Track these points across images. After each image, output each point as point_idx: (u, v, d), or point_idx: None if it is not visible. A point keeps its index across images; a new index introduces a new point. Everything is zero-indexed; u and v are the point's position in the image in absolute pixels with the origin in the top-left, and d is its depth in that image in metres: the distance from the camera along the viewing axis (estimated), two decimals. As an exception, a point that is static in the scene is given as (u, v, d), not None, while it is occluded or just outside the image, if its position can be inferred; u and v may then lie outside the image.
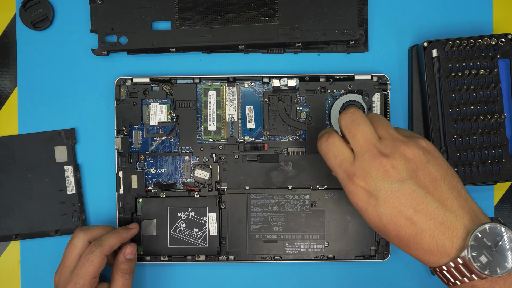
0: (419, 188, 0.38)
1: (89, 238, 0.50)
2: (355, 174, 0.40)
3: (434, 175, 0.39)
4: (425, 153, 0.40)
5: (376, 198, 0.39)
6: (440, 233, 0.38)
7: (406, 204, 0.38)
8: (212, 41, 0.55)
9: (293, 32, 0.55)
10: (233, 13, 0.55)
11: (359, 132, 0.40)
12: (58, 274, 0.50)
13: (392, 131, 0.41)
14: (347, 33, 0.55)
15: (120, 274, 0.51)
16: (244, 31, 0.55)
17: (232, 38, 0.55)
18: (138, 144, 0.56)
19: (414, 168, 0.39)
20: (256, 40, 0.55)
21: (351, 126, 0.41)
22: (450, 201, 0.38)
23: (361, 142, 0.40)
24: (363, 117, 0.41)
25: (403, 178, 0.38)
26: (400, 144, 0.39)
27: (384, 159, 0.39)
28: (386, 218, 0.39)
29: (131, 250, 0.52)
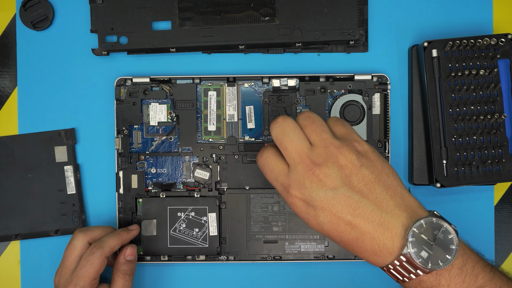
0: (354, 193, 0.39)
1: (89, 239, 0.50)
2: (291, 186, 0.40)
3: (368, 178, 0.39)
4: (358, 156, 0.40)
5: (314, 208, 0.39)
6: (380, 234, 0.38)
7: (343, 211, 0.39)
8: (212, 41, 0.55)
9: (293, 32, 0.55)
10: (233, 13, 0.55)
11: (289, 144, 0.40)
12: (58, 275, 0.50)
13: (325, 135, 0.41)
14: (347, 33, 0.55)
15: (120, 275, 0.51)
16: (244, 31, 0.55)
17: (232, 38, 0.55)
18: (138, 144, 0.56)
19: (347, 174, 0.39)
20: (256, 40, 0.55)
21: (281, 137, 0.41)
22: (386, 202, 0.39)
23: (293, 154, 0.40)
24: (291, 126, 0.41)
25: (337, 186, 0.39)
26: (333, 151, 0.40)
27: (316, 169, 0.39)
28: (327, 226, 0.39)
29: (132, 251, 0.52)
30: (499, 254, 0.57)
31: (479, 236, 0.56)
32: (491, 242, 0.56)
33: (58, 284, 0.50)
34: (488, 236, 0.56)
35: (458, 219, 0.56)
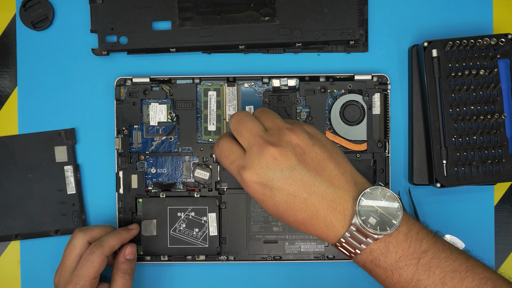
0: (308, 171, 0.40)
1: (89, 238, 0.50)
2: (245, 167, 0.41)
3: (321, 156, 0.41)
4: (310, 136, 0.41)
5: (271, 188, 0.40)
6: (333, 209, 0.40)
7: (299, 189, 0.40)
8: (212, 41, 0.55)
9: (293, 32, 0.55)
10: (233, 13, 0.55)
11: (244, 129, 0.42)
12: (58, 274, 0.50)
13: (278, 120, 0.42)
14: (347, 33, 0.55)
15: (120, 274, 0.51)
16: (244, 31, 0.55)
17: (232, 38, 0.55)
18: (138, 144, 0.56)
19: (301, 153, 0.40)
20: (256, 40, 0.55)
21: (237, 126, 0.43)
22: (338, 178, 0.41)
23: (247, 137, 0.41)
24: (248, 115, 0.43)
25: (293, 165, 0.40)
26: (285, 131, 0.41)
27: (271, 148, 0.40)
28: (283, 206, 0.41)
29: (131, 251, 0.52)
30: (499, 254, 0.57)
31: (479, 236, 0.56)
32: (491, 242, 0.56)
33: (58, 284, 0.50)
34: (488, 236, 0.56)
35: (458, 219, 0.56)
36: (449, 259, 0.40)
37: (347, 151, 0.55)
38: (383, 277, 0.41)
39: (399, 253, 0.40)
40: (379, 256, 0.41)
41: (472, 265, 0.41)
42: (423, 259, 0.40)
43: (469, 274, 0.40)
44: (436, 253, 0.40)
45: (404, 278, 0.40)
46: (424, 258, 0.40)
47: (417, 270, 0.40)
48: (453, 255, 0.41)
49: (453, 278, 0.40)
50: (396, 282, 0.41)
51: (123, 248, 0.52)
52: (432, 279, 0.40)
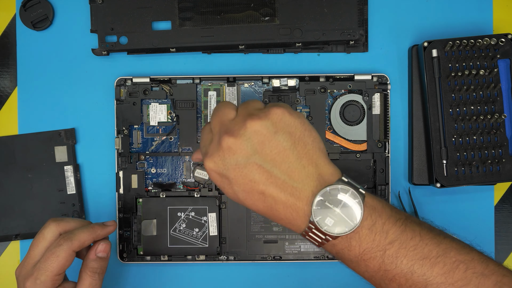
0: (266, 162, 0.39)
1: (61, 230, 0.46)
2: (207, 155, 0.40)
3: (282, 145, 0.39)
4: (274, 123, 0.39)
5: (227, 177, 0.39)
6: (292, 204, 0.39)
7: (256, 180, 0.39)
8: (212, 41, 0.55)
9: (293, 32, 0.55)
10: (233, 13, 0.55)
11: (214, 117, 0.41)
12: (20, 266, 0.46)
13: (250, 108, 0.40)
14: (347, 33, 0.55)
15: (89, 273, 0.46)
16: (244, 31, 0.55)
17: (232, 38, 0.55)
18: (138, 144, 0.56)
19: (260, 142, 0.39)
20: (256, 40, 0.55)
21: (212, 115, 0.42)
22: (298, 172, 0.39)
23: (214, 126, 0.41)
24: (225, 105, 0.41)
25: (248, 154, 0.39)
26: (247, 119, 0.39)
27: (227, 138, 0.39)
28: (242, 195, 0.40)
29: (104, 248, 0.47)
30: (499, 254, 0.56)
31: (479, 236, 0.56)
32: (491, 242, 0.56)
33: (18, 276, 0.46)
34: (488, 236, 0.56)
35: (458, 219, 0.56)
36: (418, 247, 0.39)
37: (347, 151, 0.55)
38: (351, 267, 0.41)
39: (362, 246, 0.39)
40: (342, 250, 0.40)
41: (444, 249, 0.39)
42: (389, 250, 0.38)
43: (440, 259, 0.38)
44: (404, 242, 0.39)
45: (371, 269, 0.39)
46: (390, 249, 0.38)
47: (383, 262, 0.39)
48: (423, 242, 0.39)
49: (422, 266, 0.38)
50: (364, 271, 0.40)
51: (96, 244, 0.47)
52: (400, 268, 0.38)
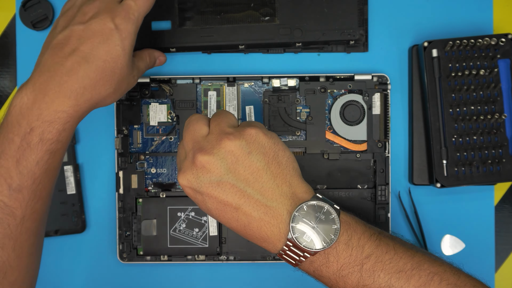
0: (239, 181, 0.39)
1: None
2: (180, 171, 0.41)
3: (255, 165, 0.39)
4: (249, 143, 0.40)
5: (201, 194, 0.40)
6: (266, 222, 0.39)
7: (229, 198, 0.39)
8: (212, 41, 0.55)
9: (293, 32, 0.55)
10: (233, 13, 0.55)
11: (187, 134, 0.41)
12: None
13: (223, 124, 0.41)
14: (347, 33, 0.55)
15: (150, 63, 0.50)
16: (244, 31, 0.55)
17: (232, 38, 0.55)
18: (138, 144, 0.56)
19: (233, 161, 0.39)
20: (256, 40, 0.55)
21: (184, 130, 0.42)
22: (272, 191, 0.39)
23: (187, 142, 0.41)
24: (196, 119, 0.42)
25: (222, 173, 0.39)
26: (222, 138, 0.40)
27: (201, 156, 0.39)
28: (215, 213, 0.40)
29: (163, 61, 0.53)
30: (499, 254, 0.56)
31: (479, 236, 0.56)
32: (491, 242, 0.56)
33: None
34: (488, 236, 0.56)
35: (458, 219, 0.56)
36: (393, 260, 0.39)
37: (347, 151, 0.55)
38: (329, 285, 0.41)
39: (340, 262, 0.39)
40: (320, 267, 0.40)
41: (418, 262, 0.40)
42: (366, 264, 0.39)
43: (415, 272, 0.39)
44: (379, 256, 0.39)
45: (350, 285, 0.39)
46: (367, 264, 0.39)
47: (361, 276, 0.39)
48: (397, 255, 0.40)
49: (399, 279, 0.39)
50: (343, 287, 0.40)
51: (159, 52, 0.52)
52: (378, 283, 0.39)
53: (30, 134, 0.39)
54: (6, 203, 0.38)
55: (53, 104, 0.39)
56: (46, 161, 0.39)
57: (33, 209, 0.40)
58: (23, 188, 0.39)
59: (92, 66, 0.40)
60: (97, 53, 0.41)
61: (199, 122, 0.42)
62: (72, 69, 0.40)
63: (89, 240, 0.57)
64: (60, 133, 0.40)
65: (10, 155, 0.39)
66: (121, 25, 0.42)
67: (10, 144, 0.39)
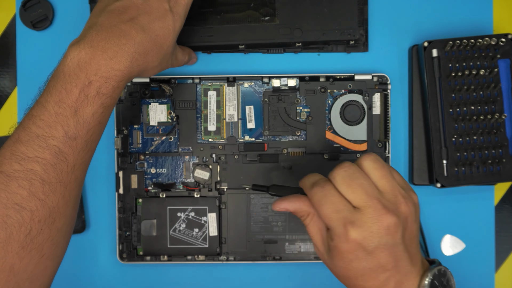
0: (404, 248, 0.40)
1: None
2: (354, 224, 0.39)
3: (414, 233, 0.41)
4: (416, 210, 0.41)
5: (368, 253, 0.39)
6: (401, 283, 0.40)
7: (389, 263, 0.39)
8: (212, 41, 0.55)
9: (293, 32, 0.55)
10: (233, 13, 0.55)
11: (359, 187, 0.39)
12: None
13: (394, 182, 0.41)
14: (347, 33, 0.55)
15: (187, 59, 0.53)
16: (244, 31, 0.55)
17: (232, 38, 0.55)
18: (138, 144, 0.56)
19: (405, 227, 0.40)
20: (256, 40, 0.55)
21: (349, 180, 0.40)
22: (416, 257, 0.41)
23: (362, 197, 0.39)
24: (360, 171, 0.40)
25: (398, 239, 0.39)
26: (401, 200, 0.40)
27: (388, 217, 0.39)
28: (365, 273, 0.40)
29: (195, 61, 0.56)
30: (499, 254, 0.56)
31: (479, 236, 0.56)
32: (491, 242, 0.56)
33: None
34: (488, 236, 0.56)
35: (458, 219, 0.56)
36: None
37: (347, 151, 0.55)
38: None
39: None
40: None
41: None
42: None
43: None
44: None
45: None
46: None
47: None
48: None
49: None
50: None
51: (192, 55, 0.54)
52: None
53: (88, 87, 0.40)
54: (61, 149, 0.40)
55: (111, 62, 0.41)
56: (100, 113, 0.41)
57: (83, 159, 0.41)
58: (78, 137, 0.40)
59: (147, 36, 0.43)
60: (153, 26, 0.43)
61: (365, 177, 0.40)
62: (130, 34, 0.42)
63: (89, 240, 0.57)
64: (114, 90, 0.41)
65: (68, 105, 0.40)
66: (175, 8, 0.45)
67: (69, 94, 0.40)
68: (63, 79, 0.41)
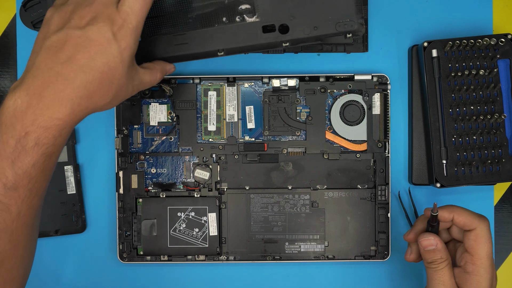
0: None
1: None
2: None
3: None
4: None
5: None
6: None
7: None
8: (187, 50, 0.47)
9: (279, 29, 0.45)
10: (207, 13, 0.46)
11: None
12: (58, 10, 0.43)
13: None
14: (344, 23, 0.45)
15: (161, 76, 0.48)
16: (222, 35, 0.46)
17: (209, 44, 0.46)
18: (138, 144, 0.56)
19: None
20: (236, 44, 0.46)
21: (490, 239, 0.45)
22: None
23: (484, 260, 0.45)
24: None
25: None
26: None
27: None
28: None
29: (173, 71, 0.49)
30: (499, 254, 0.57)
31: (479, 236, 0.56)
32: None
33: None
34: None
35: (458, 219, 0.56)
36: None
37: (347, 151, 0.55)
38: None
39: None
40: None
41: None
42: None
43: None
44: None
45: None
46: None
47: None
48: None
49: None
50: None
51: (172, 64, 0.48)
52: None
53: (25, 138, 0.38)
54: (1, 200, 0.39)
55: (48, 111, 0.38)
56: (42, 163, 0.39)
57: (29, 205, 0.40)
58: (19, 187, 0.39)
59: (89, 77, 0.39)
60: (95, 64, 0.39)
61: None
62: (68, 77, 0.39)
63: (89, 240, 0.57)
64: (56, 138, 0.39)
65: (5, 156, 0.38)
66: (120, 34, 0.40)
67: (5, 145, 0.38)
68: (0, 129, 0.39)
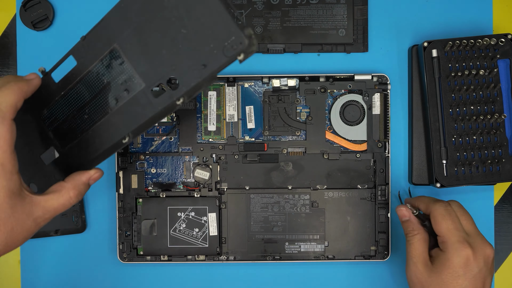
0: (489, 281, 0.46)
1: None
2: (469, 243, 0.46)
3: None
4: (492, 262, 0.46)
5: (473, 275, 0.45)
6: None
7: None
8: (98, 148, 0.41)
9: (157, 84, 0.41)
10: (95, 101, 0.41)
11: (470, 218, 0.48)
12: None
13: (475, 227, 0.47)
14: (230, 44, 0.35)
15: (73, 192, 0.39)
16: (119, 118, 0.40)
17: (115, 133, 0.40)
18: (138, 144, 0.56)
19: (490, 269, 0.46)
20: (138, 123, 0.40)
21: (462, 210, 0.48)
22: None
23: (472, 227, 0.47)
24: (454, 213, 0.47)
25: (488, 272, 0.46)
26: (480, 242, 0.46)
27: (489, 250, 0.46)
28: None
29: (99, 176, 0.41)
30: (499, 254, 0.57)
31: (479, 236, 0.56)
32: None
33: None
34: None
35: (458, 219, 0.56)
36: None
37: (347, 151, 0.55)
38: None
39: None
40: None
41: None
42: None
43: None
44: None
45: None
46: None
47: None
48: None
49: None
50: None
51: (93, 171, 0.41)
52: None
53: None
54: None
55: None
56: None
57: None
58: None
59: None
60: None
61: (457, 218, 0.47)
62: None
63: (89, 240, 0.57)
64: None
65: None
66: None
67: None
68: None
